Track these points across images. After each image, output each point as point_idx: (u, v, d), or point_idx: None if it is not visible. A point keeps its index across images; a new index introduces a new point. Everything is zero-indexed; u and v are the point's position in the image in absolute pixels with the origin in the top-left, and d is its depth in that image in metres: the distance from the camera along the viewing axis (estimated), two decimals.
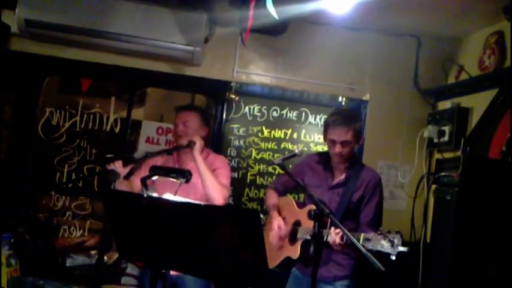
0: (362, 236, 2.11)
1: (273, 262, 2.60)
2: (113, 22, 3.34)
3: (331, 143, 2.46)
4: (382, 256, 1.91)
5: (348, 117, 2.41)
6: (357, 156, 2.63)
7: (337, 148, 2.42)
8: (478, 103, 3.31)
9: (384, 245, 1.96)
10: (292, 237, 2.57)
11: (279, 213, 2.70)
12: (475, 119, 3.29)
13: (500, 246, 1.99)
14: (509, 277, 1.97)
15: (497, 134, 3.02)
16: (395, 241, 1.95)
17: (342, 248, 2.27)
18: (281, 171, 2.37)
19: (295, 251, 2.50)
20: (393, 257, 1.92)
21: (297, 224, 2.59)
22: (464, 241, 2.03)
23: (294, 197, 2.80)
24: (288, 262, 2.57)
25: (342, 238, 2.20)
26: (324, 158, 2.59)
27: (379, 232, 2.03)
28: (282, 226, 2.59)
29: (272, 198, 2.77)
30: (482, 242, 1.99)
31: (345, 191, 2.46)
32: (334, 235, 2.23)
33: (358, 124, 2.45)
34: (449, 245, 2.07)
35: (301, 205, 2.65)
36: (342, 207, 2.43)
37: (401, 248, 1.92)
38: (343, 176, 2.51)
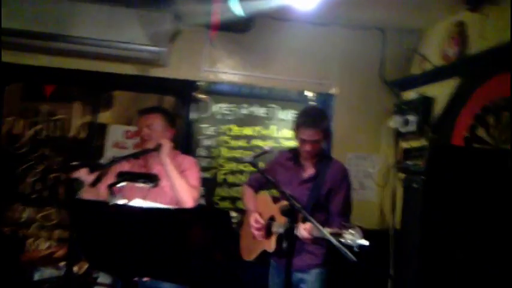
0: (327, 231, 2.17)
1: (251, 255, 2.77)
2: (76, 26, 3.25)
3: (301, 141, 2.56)
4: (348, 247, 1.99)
5: (317, 118, 2.52)
6: (325, 151, 2.73)
7: (308, 147, 2.53)
8: (441, 92, 3.38)
9: (346, 238, 2.04)
10: (268, 232, 2.66)
11: (257, 209, 2.79)
12: (438, 107, 3.36)
13: (467, 231, 2.04)
14: (475, 261, 2.03)
15: (459, 121, 3.09)
16: (356, 234, 2.03)
17: (310, 242, 2.37)
18: (254, 169, 2.41)
19: (270, 245, 2.61)
20: (356, 249, 2.00)
21: (272, 218, 2.68)
22: (431, 227, 2.07)
23: (271, 193, 2.89)
24: (264, 255, 2.69)
25: (309, 232, 2.31)
26: (294, 155, 2.68)
27: (343, 224, 2.13)
28: (259, 220, 2.68)
29: (248, 194, 2.86)
30: (449, 228, 2.04)
31: (315, 185, 2.57)
32: (302, 230, 2.34)
33: (326, 123, 2.57)
34: (418, 232, 2.11)
35: (276, 200, 2.74)
36: (311, 201, 2.53)
37: (362, 241, 2.01)
38: (312, 171, 2.61)
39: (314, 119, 2.51)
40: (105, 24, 3.29)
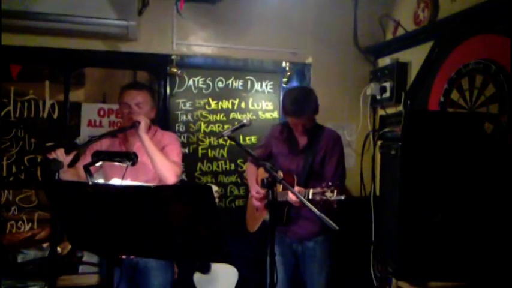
0: (311, 191, 2.44)
1: (254, 225, 2.96)
2: (38, 1, 3.11)
3: (293, 124, 2.71)
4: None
5: (305, 103, 2.62)
6: (316, 123, 2.83)
7: (301, 128, 2.70)
8: (415, 57, 3.40)
9: (327, 195, 2.35)
10: (267, 202, 2.74)
11: (257, 181, 2.94)
12: (413, 73, 3.39)
13: (444, 194, 2.10)
14: (452, 222, 2.10)
15: (435, 86, 3.13)
16: (335, 192, 2.35)
17: (299, 205, 2.54)
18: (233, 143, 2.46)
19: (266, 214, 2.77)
20: (334, 206, 2.34)
21: None
22: (410, 192, 2.12)
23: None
24: (265, 225, 2.84)
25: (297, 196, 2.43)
26: (286, 128, 2.82)
27: (323, 185, 2.39)
28: (260, 190, 2.81)
29: (249, 169, 3.01)
30: (427, 191, 2.09)
31: (308, 154, 2.73)
32: (291, 195, 2.52)
33: (314, 103, 2.67)
34: (397, 197, 2.16)
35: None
36: (305, 169, 2.70)
37: (340, 197, 2.35)
38: (305, 142, 2.77)
39: (302, 106, 2.61)
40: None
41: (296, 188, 2.57)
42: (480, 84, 2.73)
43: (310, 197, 2.42)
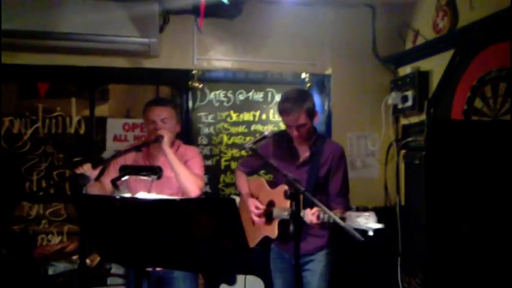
0: (337, 215, 2.14)
1: (252, 242, 2.69)
2: (63, 22, 3.24)
3: (288, 127, 2.54)
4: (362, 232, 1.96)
5: (297, 101, 2.46)
6: (317, 132, 2.67)
7: (295, 132, 2.50)
8: (436, 65, 3.38)
9: (360, 223, 2.00)
10: (268, 217, 2.64)
11: (251, 194, 2.77)
12: (435, 81, 3.37)
13: (470, 203, 2.08)
14: (480, 232, 2.07)
15: (457, 94, 3.11)
16: (370, 218, 2.00)
17: (318, 227, 2.35)
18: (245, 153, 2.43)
19: (273, 231, 2.58)
20: (370, 233, 1.98)
21: (271, 204, 2.66)
22: (435, 202, 2.10)
23: (263, 177, 2.87)
24: (266, 241, 2.66)
25: (317, 217, 2.29)
26: (286, 138, 2.63)
27: (354, 209, 2.10)
28: (259, 206, 2.65)
29: (242, 180, 2.83)
30: (453, 201, 2.07)
31: (312, 168, 2.54)
32: (310, 216, 2.31)
33: (308, 104, 2.48)
34: (422, 207, 2.14)
35: (272, 185, 2.72)
36: (310, 184, 2.50)
37: (377, 225, 1.97)
38: (307, 154, 2.58)
39: (294, 102, 2.45)
40: (92, 19, 3.27)
41: (315, 210, 2.31)
42: (504, 92, 2.70)
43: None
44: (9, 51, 3.39)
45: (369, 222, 1.98)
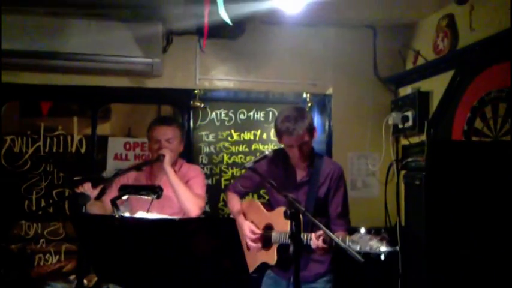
0: (347, 238, 2.05)
1: (249, 268, 2.46)
2: (66, 42, 3.28)
3: (288, 147, 2.44)
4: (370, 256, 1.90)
5: (298, 121, 2.36)
6: (314, 151, 2.56)
7: (297, 151, 2.40)
8: (437, 86, 3.40)
9: (373, 246, 1.91)
10: (266, 242, 2.52)
11: (245, 217, 2.64)
12: (435, 101, 3.39)
13: (471, 224, 2.06)
14: (480, 255, 2.04)
15: (457, 114, 3.12)
16: (384, 242, 1.90)
17: (325, 251, 2.23)
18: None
19: (271, 257, 2.46)
20: (382, 257, 1.89)
21: (269, 227, 2.54)
22: (436, 223, 2.09)
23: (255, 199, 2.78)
24: (263, 267, 2.53)
25: (324, 241, 2.18)
26: (282, 157, 2.53)
27: (365, 232, 1.99)
28: (255, 230, 2.54)
29: (235, 202, 2.71)
30: (453, 222, 2.06)
31: (310, 188, 2.45)
32: (315, 240, 2.21)
33: (308, 121, 2.39)
34: (423, 228, 2.12)
35: (268, 208, 2.61)
36: (310, 205, 2.40)
37: (391, 248, 1.89)
38: (305, 173, 2.49)
39: (295, 121, 2.35)
40: (96, 39, 3.30)
41: (320, 233, 2.19)
42: (504, 112, 2.70)
43: (347, 244, 2.01)
44: (12, 71, 3.42)
45: (381, 246, 1.89)
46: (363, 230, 2.00)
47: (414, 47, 3.76)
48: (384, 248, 1.89)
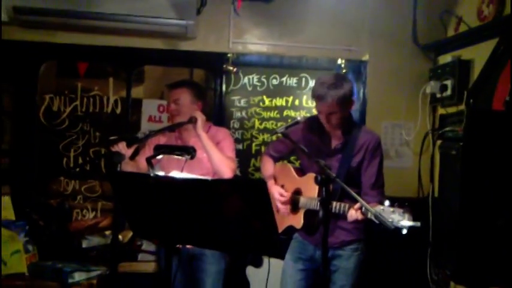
0: (370, 211, 2.04)
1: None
2: (102, 2, 3.29)
3: (319, 113, 2.43)
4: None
5: (331, 88, 2.32)
6: (353, 120, 2.54)
7: (325, 119, 2.40)
8: (479, 54, 3.26)
9: (394, 219, 1.91)
10: (294, 206, 2.55)
11: (276, 181, 2.67)
12: (476, 71, 3.25)
13: (507, 197, 2.01)
14: None
15: (499, 84, 2.98)
16: (406, 215, 1.90)
17: (362, 222, 2.21)
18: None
19: (298, 220, 2.49)
20: (404, 231, 1.89)
21: (297, 192, 2.57)
22: (471, 194, 2.04)
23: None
24: (289, 230, 2.57)
25: (362, 213, 2.15)
26: (317, 123, 2.50)
27: (388, 204, 1.98)
28: (284, 194, 2.56)
29: (268, 165, 2.74)
30: (489, 194, 2.01)
31: (344, 157, 2.42)
32: (354, 213, 2.19)
33: (343, 91, 2.33)
34: (457, 199, 2.08)
35: (300, 172, 2.61)
36: (342, 173, 2.37)
37: (412, 223, 1.89)
38: (340, 142, 2.47)
39: (327, 89, 2.31)
40: (132, 1, 3.31)
41: (358, 205, 2.16)
42: None
43: (368, 216, 2.07)
44: (49, 30, 3.49)
45: (403, 219, 1.89)
46: (387, 203, 1.99)
47: (457, 12, 3.58)
48: (405, 222, 1.89)
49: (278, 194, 2.56)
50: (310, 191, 2.44)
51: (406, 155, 3.81)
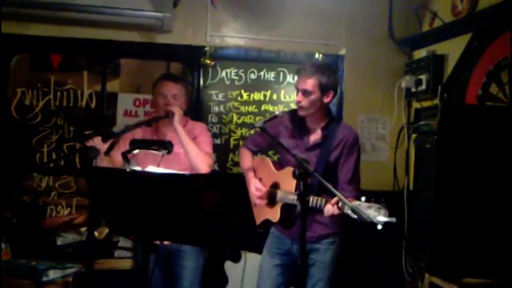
0: (347, 206, 2.07)
1: None
2: None
3: (297, 92, 2.44)
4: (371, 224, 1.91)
5: (314, 67, 2.38)
6: (331, 114, 2.58)
7: (298, 97, 2.41)
8: (453, 49, 3.32)
9: (370, 215, 1.94)
10: (271, 200, 2.56)
11: (254, 174, 2.68)
12: (450, 65, 3.31)
13: (481, 190, 2.06)
14: (489, 218, 2.05)
15: (473, 79, 3.05)
16: (382, 211, 1.93)
17: (338, 216, 2.21)
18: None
19: (275, 214, 2.49)
20: (379, 227, 1.92)
21: (275, 186, 2.57)
22: (445, 187, 2.08)
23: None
24: (266, 224, 2.57)
25: (338, 207, 2.17)
26: (298, 118, 2.51)
27: (364, 200, 2.02)
28: (261, 188, 2.57)
29: (246, 158, 2.75)
30: (463, 187, 2.05)
31: (322, 152, 2.44)
32: (330, 207, 2.20)
33: (324, 77, 2.38)
34: (432, 192, 2.12)
35: (278, 166, 2.63)
36: (320, 168, 2.38)
37: (388, 219, 1.92)
38: (319, 136, 2.49)
39: (311, 66, 2.39)
40: None
41: (335, 200, 2.18)
42: None
43: (345, 211, 2.08)
44: (22, 22, 3.38)
45: (379, 215, 1.92)
46: (363, 198, 2.02)
47: (431, 8, 3.64)
48: (380, 218, 1.92)
49: (255, 188, 2.57)
50: (288, 185, 2.45)
51: (382, 149, 3.86)
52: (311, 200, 2.28)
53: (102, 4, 3.26)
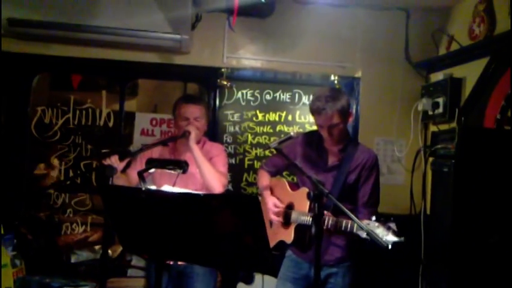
0: (356, 225, 2.07)
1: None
2: (97, 15, 3.30)
3: (319, 127, 2.43)
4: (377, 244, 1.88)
5: (330, 100, 2.34)
6: (350, 136, 2.57)
7: (326, 133, 2.40)
8: (470, 73, 3.30)
9: (379, 234, 1.91)
10: (286, 220, 2.54)
11: (271, 193, 2.67)
12: (468, 89, 3.29)
13: (500, 214, 2.01)
14: (509, 244, 2.00)
15: (491, 103, 3.02)
16: (391, 230, 1.91)
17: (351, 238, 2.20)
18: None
19: (289, 235, 2.47)
20: (389, 246, 1.88)
21: (290, 207, 2.56)
22: (463, 211, 2.04)
23: (286, 178, 2.80)
24: (281, 246, 2.55)
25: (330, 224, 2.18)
26: (316, 139, 2.52)
27: (373, 220, 1.99)
28: (279, 204, 2.57)
29: (264, 179, 2.74)
30: (482, 211, 2.01)
31: (340, 173, 2.42)
32: (326, 218, 2.22)
33: (341, 104, 2.36)
34: (449, 216, 2.08)
35: (294, 187, 2.63)
36: (336, 190, 2.37)
37: (396, 239, 1.89)
38: (337, 157, 2.47)
39: (326, 101, 2.33)
40: (126, 14, 3.32)
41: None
42: None
43: (354, 230, 2.09)
44: (44, 42, 3.48)
45: (388, 235, 1.90)
46: (373, 218, 1.99)
47: (448, 31, 3.64)
48: (389, 238, 1.89)
49: (272, 204, 2.57)
50: (302, 206, 2.44)
51: (398, 172, 3.82)
52: (326, 220, 2.25)
53: (122, 26, 3.33)
